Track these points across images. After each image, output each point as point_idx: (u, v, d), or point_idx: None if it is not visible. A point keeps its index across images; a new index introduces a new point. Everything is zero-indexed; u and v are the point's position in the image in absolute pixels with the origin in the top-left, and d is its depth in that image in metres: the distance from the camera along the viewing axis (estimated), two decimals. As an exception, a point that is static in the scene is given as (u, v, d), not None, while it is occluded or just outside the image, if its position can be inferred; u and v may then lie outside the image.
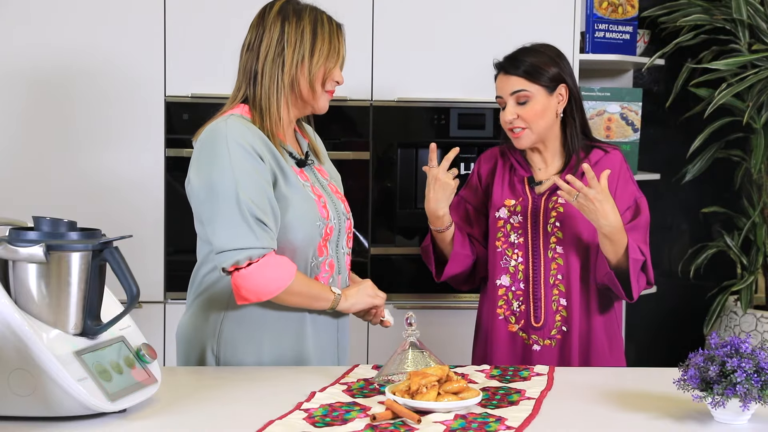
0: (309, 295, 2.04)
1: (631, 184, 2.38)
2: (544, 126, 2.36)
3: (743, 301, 3.55)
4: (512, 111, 2.35)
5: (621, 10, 3.61)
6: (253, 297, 1.99)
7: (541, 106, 2.34)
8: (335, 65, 2.09)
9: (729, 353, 1.63)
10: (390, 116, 3.34)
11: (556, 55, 2.38)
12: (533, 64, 2.34)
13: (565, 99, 2.37)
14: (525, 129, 2.35)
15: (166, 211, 3.28)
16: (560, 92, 2.36)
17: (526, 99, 2.34)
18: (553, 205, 2.37)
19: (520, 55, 2.38)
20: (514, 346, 2.39)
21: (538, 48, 2.40)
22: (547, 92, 2.35)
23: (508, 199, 2.42)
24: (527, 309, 2.37)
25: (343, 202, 2.20)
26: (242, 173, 1.96)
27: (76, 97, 3.25)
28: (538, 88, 2.34)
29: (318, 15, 2.09)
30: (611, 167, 2.32)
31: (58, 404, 1.56)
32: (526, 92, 2.34)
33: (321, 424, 1.62)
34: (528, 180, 2.42)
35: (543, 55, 2.37)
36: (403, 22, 3.32)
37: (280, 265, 1.98)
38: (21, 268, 1.59)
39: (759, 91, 3.50)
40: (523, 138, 2.37)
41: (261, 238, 1.95)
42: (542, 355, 2.36)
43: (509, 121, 2.36)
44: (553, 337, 2.36)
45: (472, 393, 1.72)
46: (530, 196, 2.40)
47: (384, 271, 3.37)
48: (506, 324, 2.40)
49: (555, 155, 2.42)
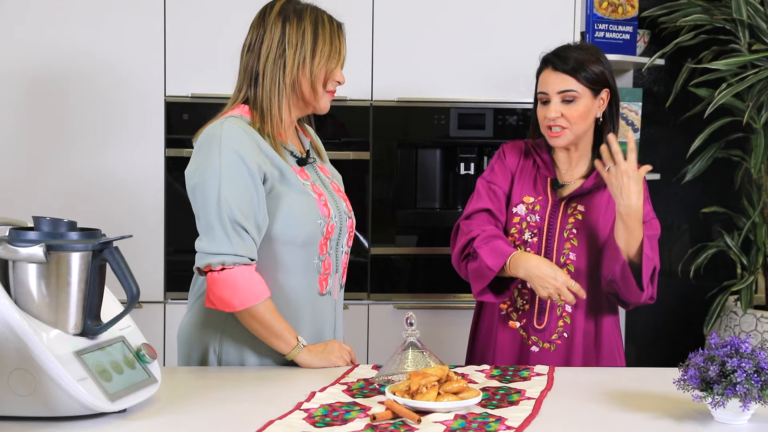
0: (271, 328, 2.00)
1: (647, 203, 2.31)
2: (584, 128, 2.32)
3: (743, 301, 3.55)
4: (557, 109, 2.29)
5: (621, 10, 3.61)
6: (218, 304, 1.98)
7: (585, 108, 2.30)
8: (336, 65, 2.09)
9: (729, 353, 1.63)
10: (390, 116, 3.34)
11: (597, 52, 2.34)
12: (583, 64, 2.29)
13: (605, 103, 2.33)
14: (565, 129, 2.30)
15: (166, 211, 3.28)
16: (602, 96, 2.32)
17: (573, 99, 2.29)
18: (572, 211, 2.33)
19: (570, 53, 2.31)
20: (512, 343, 2.37)
21: (585, 47, 2.35)
22: (592, 94, 2.31)
23: (528, 196, 2.37)
24: (531, 309, 2.35)
25: (345, 200, 2.20)
26: (228, 178, 1.96)
27: (76, 97, 3.25)
28: (585, 90, 2.29)
29: (319, 15, 2.08)
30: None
31: (58, 404, 1.56)
32: (574, 92, 2.28)
33: (321, 424, 1.62)
34: (551, 182, 2.37)
35: (591, 55, 2.32)
36: (403, 22, 3.32)
37: (251, 283, 1.97)
38: (21, 268, 1.59)
39: (759, 91, 3.50)
40: (562, 138, 2.31)
41: (236, 246, 1.95)
42: (540, 358, 2.33)
43: (552, 118, 2.29)
44: (553, 342, 2.33)
45: (472, 393, 1.72)
46: (551, 198, 2.35)
47: (384, 271, 3.37)
48: (507, 320, 2.38)
49: (582, 158, 2.38)
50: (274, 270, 2.05)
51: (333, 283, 2.14)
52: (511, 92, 3.39)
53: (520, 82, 3.39)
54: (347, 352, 2.08)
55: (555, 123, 2.30)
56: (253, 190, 1.98)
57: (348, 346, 2.11)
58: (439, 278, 3.40)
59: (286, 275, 2.06)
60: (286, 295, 2.06)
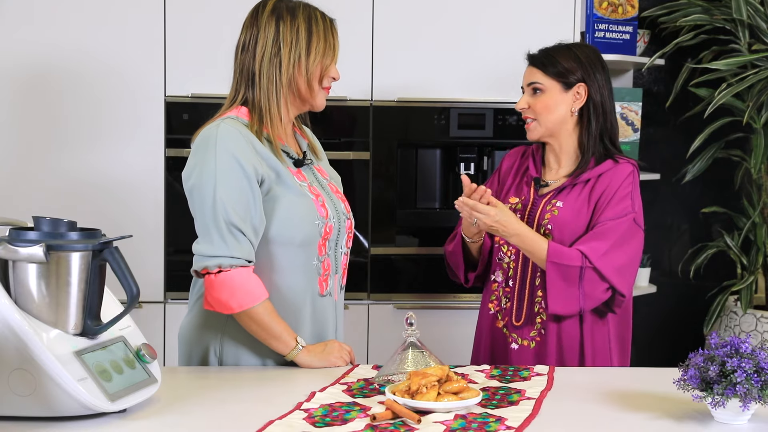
0: (269, 330, 2.00)
1: (627, 200, 2.32)
2: (553, 121, 2.36)
3: (743, 301, 3.55)
4: (524, 100, 2.39)
5: (621, 10, 3.61)
6: (216, 306, 1.99)
7: (553, 101, 2.35)
8: (331, 61, 2.09)
9: (729, 353, 1.63)
10: (390, 116, 3.34)
11: (586, 56, 2.37)
12: (553, 59, 2.36)
13: (582, 99, 2.36)
14: (534, 121, 2.38)
15: (166, 211, 3.28)
16: (578, 90, 2.35)
17: (539, 90, 2.36)
18: (550, 207, 2.36)
19: (546, 49, 2.40)
20: (496, 342, 2.41)
21: (570, 46, 2.41)
22: (562, 87, 2.35)
23: (513, 197, 2.43)
24: (511, 306, 2.38)
25: (343, 201, 2.19)
26: (224, 180, 1.96)
27: (76, 97, 3.25)
28: (552, 83, 2.35)
29: (311, 12, 2.08)
30: (614, 179, 2.32)
31: (58, 404, 1.56)
32: (538, 84, 2.36)
33: (321, 424, 1.62)
34: (534, 180, 2.42)
35: (569, 52, 2.37)
36: (403, 22, 3.32)
37: (248, 285, 1.97)
38: (21, 268, 1.59)
39: (759, 91, 3.50)
40: (532, 129, 2.39)
41: (232, 248, 1.95)
42: (519, 355, 2.36)
43: (519, 109, 2.40)
44: (532, 338, 2.35)
45: (472, 393, 1.72)
46: (531, 196, 2.40)
47: (384, 271, 3.37)
48: (495, 319, 2.42)
49: (568, 157, 2.41)
50: (273, 272, 2.05)
51: (333, 284, 2.14)
52: (511, 92, 3.38)
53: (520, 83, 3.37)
54: (347, 352, 2.08)
55: (524, 114, 2.39)
56: (249, 192, 1.98)
57: (348, 346, 2.11)
58: (439, 278, 3.39)
59: (286, 277, 2.06)
60: (286, 296, 2.06)
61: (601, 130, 2.37)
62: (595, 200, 2.33)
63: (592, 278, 2.24)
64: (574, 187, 2.36)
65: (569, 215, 2.33)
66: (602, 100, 2.37)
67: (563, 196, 2.36)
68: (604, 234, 2.28)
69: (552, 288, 2.26)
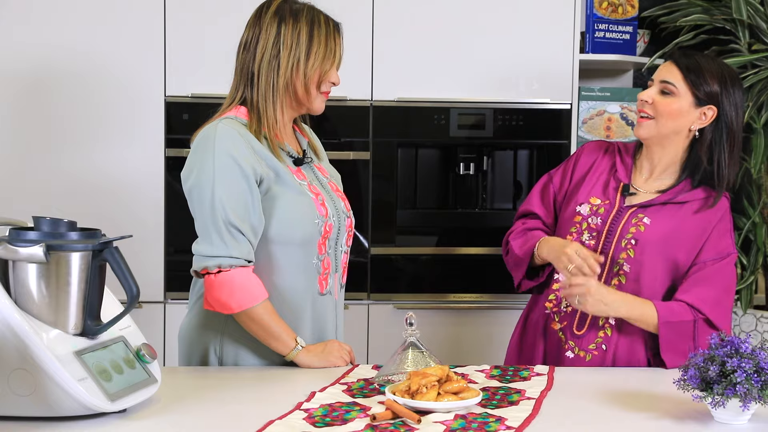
0: (269, 330, 2.00)
1: (727, 237, 2.21)
2: (670, 128, 2.21)
3: (743, 301, 3.55)
4: (651, 94, 2.23)
5: (621, 10, 3.61)
6: (216, 306, 1.99)
7: (679, 107, 2.20)
8: (331, 67, 2.08)
9: (729, 353, 1.63)
10: (390, 116, 3.34)
11: (730, 77, 2.22)
12: (698, 67, 2.20)
13: (707, 121, 2.21)
14: (651, 119, 2.22)
15: (166, 211, 3.28)
16: (705, 111, 2.20)
17: (670, 92, 2.20)
18: (636, 221, 2.21)
19: (695, 54, 2.25)
20: (550, 344, 2.29)
21: (719, 61, 2.26)
22: (694, 101, 2.20)
23: (595, 197, 2.29)
24: (573, 313, 2.25)
25: (344, 200, 2.19)
26: (222, 180, 1.96)
27: (76, 97, 3.25)
28: (686, 90, 2.20)
29: (315, 16, 2.07)
30: (714, 213, 2.21)
31: (58, 404, 1.56)
32: (673, 86, 2.20)
33: (321, 424, 1.62)
34: (623, 186, 2.27)
35: (717, 68, 2.22)
36: (403, 22, 3.32)
37: (248, 285, 1.97)
38: (21, 268, 1.59)
39: (759, 91, 3.50)
40: (644, 127, 2.23)
41: (231, 248, 1.95)
42: (574, 364, 2.23)
43: (643, 101, 2.23)
44: (590, 351, 2.23)
45: (472, 393, 1.72)
46: (617, 203, 2.26)
47: (384, 271, 3.37)
48: (549, 319, 2.30)
49: (665, 172, 2.27)
50: (272, 271, 2.05)
51: (333, 283, 2.14)
52: (511, 92, 3.39)
53: (520, 83, 3.39)
54: (347, 352, 2.08)
55: (644, 108, 2.23)
56: (248, 192, 1.98)
57: (348, 345, 2.11)
58: (440, 278, 3.40)
59: (285, 276, 2.06)
60: (285, 295, 2.06)
61: (717, 161, 2.22)
62: (690, 230, 2.20)
63: (704, 329, 2.13)
64: (668, 207, 2.23)
65: (656, 236, 2.19)
66: (728, 129, 2.22)
67: (652, 212, 2.22)
68: (708, 279, 2.16)
69: (667, 347, 2.12)
